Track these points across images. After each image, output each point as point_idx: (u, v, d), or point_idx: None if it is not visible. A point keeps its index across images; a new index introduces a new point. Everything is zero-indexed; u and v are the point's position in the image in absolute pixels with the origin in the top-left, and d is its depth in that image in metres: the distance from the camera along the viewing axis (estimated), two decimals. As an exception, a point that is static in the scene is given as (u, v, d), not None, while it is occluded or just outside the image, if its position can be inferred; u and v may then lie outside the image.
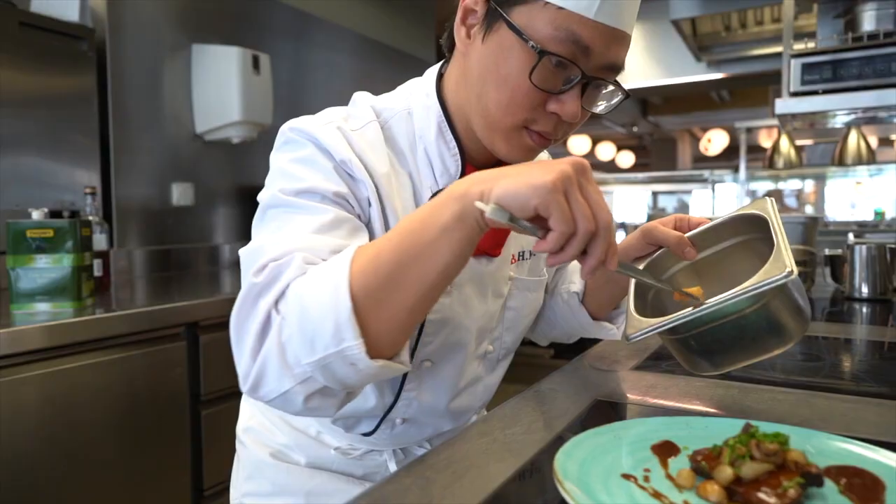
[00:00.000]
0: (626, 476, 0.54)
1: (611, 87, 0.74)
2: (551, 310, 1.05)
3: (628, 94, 0.75)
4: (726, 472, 0.50)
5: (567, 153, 8.58)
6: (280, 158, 0.75)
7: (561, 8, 0.66)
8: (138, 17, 2.32)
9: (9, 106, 1.91)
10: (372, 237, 0.76)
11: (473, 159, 0.82)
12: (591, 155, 8.95)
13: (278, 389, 0.61)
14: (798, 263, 1.82)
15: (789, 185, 6.86)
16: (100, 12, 2.20)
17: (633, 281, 0.82)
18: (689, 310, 0.66)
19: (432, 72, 0.84)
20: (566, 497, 0.47)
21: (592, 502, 0.47)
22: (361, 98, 0.84)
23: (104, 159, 2.23)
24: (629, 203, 6.94)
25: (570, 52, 0.68)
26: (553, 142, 0.76)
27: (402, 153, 0.81)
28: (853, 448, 0.57)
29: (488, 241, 0.84)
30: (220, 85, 2.46)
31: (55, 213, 2.00)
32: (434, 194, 0.79)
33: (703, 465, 0.53)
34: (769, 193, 6.96)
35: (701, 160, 9.65)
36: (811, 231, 1.92)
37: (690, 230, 0.83)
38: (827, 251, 1.84)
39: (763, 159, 3.52)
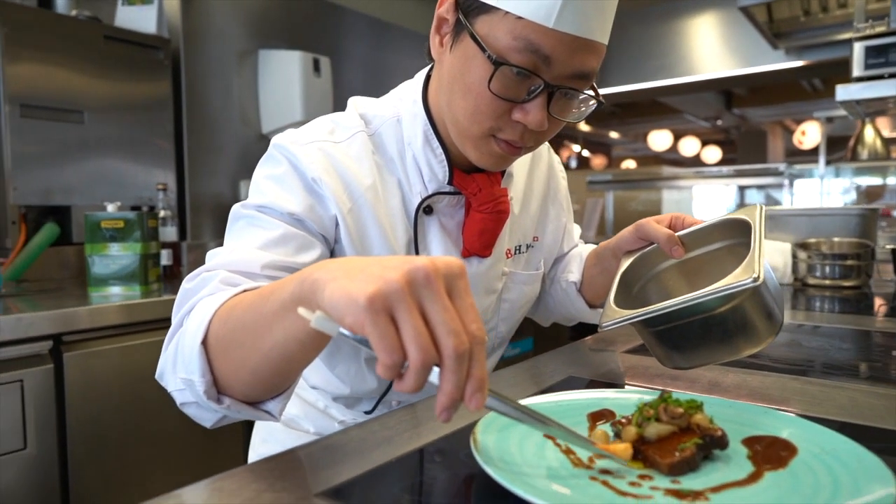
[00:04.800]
0: (548, 436, 0.57)
1: (583, 95, 0.73)
2: (550, 296, 1.08)
3: (602, 102, 0.74)
4: (631, 431, 0.53)
5: (647, 148, 8.33)
6: (258, 172, 0.81)
7: (520, 18, 0.66)
8: (210, 27, 2.51)
9: (95, 112, 2.12)
10: (342, 252, 0.80)
11: (459, 164, 0.84)
12: (673, 150, 8.67)
13: (168, 387, 0.67)
14: (851, 257, 1.73)
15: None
16: (175, 23, 2.40)
17: (619, 272, 0.84)
18: (657, 305, 0.69)
19: (421, 76, 0.87)
20: (473, 450, 0.51)
21: (491, 453, 0.51)
22: (353, 105, 0.88)
23: (178, 159, 2.43)
24: (711, 200, 6.64)
25: (531, 62, 0.68)
26: (524, 150, 0.77)
27: (392, 160, 0.84)
28: (777, 420, 0.58)
29: (477, 244, 0.85)
30: (284, 87, 2.62)
31: (135, 208, 2.21)
32: (423, 200, 0.83)
33: (619, 428, 0.56)
34: (867, 188, 6.45)
35: (795, 154, 9.09)
36: (870, 223, 1.82)
37: (684, 229, 0.84)
38: (888, 246, 1.74)
39: (846, 150, 3.30)
